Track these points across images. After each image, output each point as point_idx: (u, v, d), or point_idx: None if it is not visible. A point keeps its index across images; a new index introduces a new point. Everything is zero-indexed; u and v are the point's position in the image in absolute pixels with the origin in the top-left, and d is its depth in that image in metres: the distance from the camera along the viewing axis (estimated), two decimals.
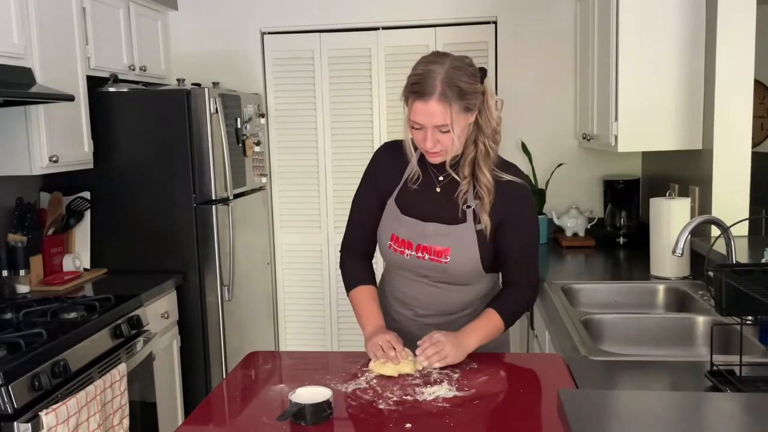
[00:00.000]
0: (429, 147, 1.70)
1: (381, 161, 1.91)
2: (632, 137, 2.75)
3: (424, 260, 1.80)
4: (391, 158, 1.88)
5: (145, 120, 3.11)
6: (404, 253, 1.82)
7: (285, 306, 4.03)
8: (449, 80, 1.63)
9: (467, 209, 1.78)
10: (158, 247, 3.15)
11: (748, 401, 1.19)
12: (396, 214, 1.84)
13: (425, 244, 1.79)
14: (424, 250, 1.80)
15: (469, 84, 1.66)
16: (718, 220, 2.17)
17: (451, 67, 1.65)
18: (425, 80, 1.64)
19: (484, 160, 1.74)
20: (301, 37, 3.82)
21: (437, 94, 1.62)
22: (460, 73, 1.65)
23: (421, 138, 1.70)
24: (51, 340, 2.16)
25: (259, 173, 3.67)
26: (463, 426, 1.43)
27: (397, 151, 1.86)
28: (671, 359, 1.86)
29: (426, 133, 1.68)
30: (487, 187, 1.74)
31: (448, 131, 1.66)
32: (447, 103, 1.63)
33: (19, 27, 2.51)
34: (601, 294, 2.54)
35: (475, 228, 1.77)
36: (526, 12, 3.62)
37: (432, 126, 1.66)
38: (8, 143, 2.65)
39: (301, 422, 1.43)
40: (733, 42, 2.50)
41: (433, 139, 1.68)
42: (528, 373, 1.75)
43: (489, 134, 1.74)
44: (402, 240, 1.82)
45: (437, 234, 1.79)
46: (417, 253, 1.80)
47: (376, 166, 1.91)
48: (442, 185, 1.81)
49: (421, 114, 1.65)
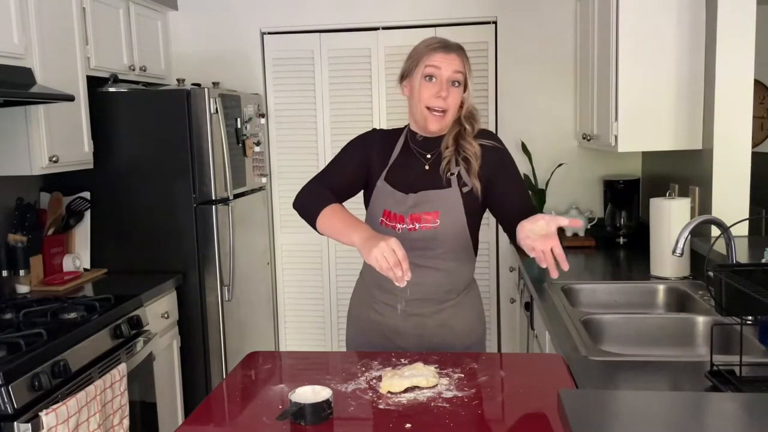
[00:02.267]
0: (443, 96, 1.81)
1: (374, 139, 1.99)
2: (632, 137, 2.76)
3: (416, 231, 1.86)
4: (381, 139, 1.98)
5: (145, 120, 3.11)
6: (396, 228, 1.88)
7: (285, 306, 4.03)
8: (460, 47, 1.87)
9: (451, 176, 1.88)
10: (158, 247, 3.15)
11: (748, 401, 1.19)
12: (388, 190, 1.91)
13: (415, 213, 1.87)
14: (415, 219, 1.87)
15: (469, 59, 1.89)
16: (718, 220, 2.17)
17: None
18: (442, 41, 1.85)
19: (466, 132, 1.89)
20: (301, 37, 3.82)
21: (457, 49, 1.85)
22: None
23: (434, 91, 1.82)
24: (51, 340, 2.16)
25: (259, 173, 3.67)
26: (463, 426, 1.43)
27: (384, 136, 1.99)
28: (671, 359, 1.86)
29: (441, 83, 1.82)
30: (473, 153, 1.87)
31: (460, 85, 1.84)
32: (464, 59, 1.85)
33: (19, 27, 2.51)
34: (601, 294, 2.54)
35: (461, 191, 1.87)
36: (526, 12, 3.62)
37: (449, 74, 1.81)
38: (8, 143, 2.65)
39: (300, 422, 1.43)
40: (733, 42, 2.50)
41: (447, 89, 1.82)
42: (528, 373, 1.75)
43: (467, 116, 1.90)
44: (394, 214, 1.88)
45: (426, 200, 1.87)
46: (408, 225, 1.87)
47: (371, 140, 1.98)
48: (429, 162, 1.92)
49: (443, 59, 1.82)
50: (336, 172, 1.96)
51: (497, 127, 3.70)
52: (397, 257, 1.59)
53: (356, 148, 1.98)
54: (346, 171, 1.95)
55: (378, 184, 1.93)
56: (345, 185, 1.95)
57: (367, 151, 1.96)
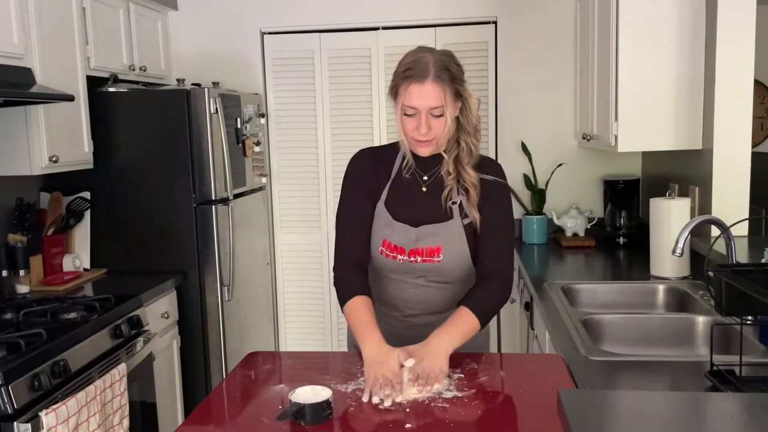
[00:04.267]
0: (422, 132, 1.71)
1: (362, 166, 1.89)
2: (632, 137, 2.75)
3: (417, 263, 1.81)
4: (372, 163, 1.89)
5: (145, 120, 3.11)
6: (396, 258, 1.82)
7: (285, 306, 4.03)
8: (441, 64, 1.70)
9: (453, 205, 1.81)
10: (158, 247, 3.15)
11: (748, 401, 1.19)
12: (387, 220, 1.83)
13: (418, 247, 1.80)
14: (417, 253, 1.80)
15: (458, 71, 1.73)
16: (718, 220, 2.17)
17: (440, 54, 1.73)
18: (419, 65, 1.69)
19: (467, 158, 1.79)
20: (301, 37, 3.82)
21: (432, 76, 1.68)
22: (449, 59, 1.73)
23: (414, 125, 1.72)
24: (51, 340, 2.16)
25: (259, 173, 3.67)
26: (463, 426, 1.43)
27: (374, 156, 1.90)
28: (671, 359, 1.86)
29: (420, 118, 1.71)
30: (472, 183, 1.79)
31: (441, 115, 1.70)
32: (441, 84, 1.68)
33: (19, 27, 2.51)
34: (601, 294, 2.54)
35: (462, 222, 1.81)
36: (526, 12, 3.62)
37: (427, 109, 1.69)
38: (8, 143, 2.65)
39: (300, 422, 1.43)
40: (733, 42, 2.50)
41: (426, 124, 1.71)
42: (528, 373, 1.75)
43: (471, 132, 1.79)
44: (394, 246, 1.82)
45: (429, 234, 1.80)
46: (410, 258, 1.81)
47: (361, 170, 1.89)
48: (427, 185, 1.84)
49: (417, 96, 1.68)
50: (354, 233, 1.85)
51: (497, 127, 3.70)
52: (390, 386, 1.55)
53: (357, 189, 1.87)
54: (363, 226, 1.85)
55: (378, 206, 1.85)
56: (367, 239, 1.85)
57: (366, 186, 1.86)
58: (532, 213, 3.56)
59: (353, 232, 1.86)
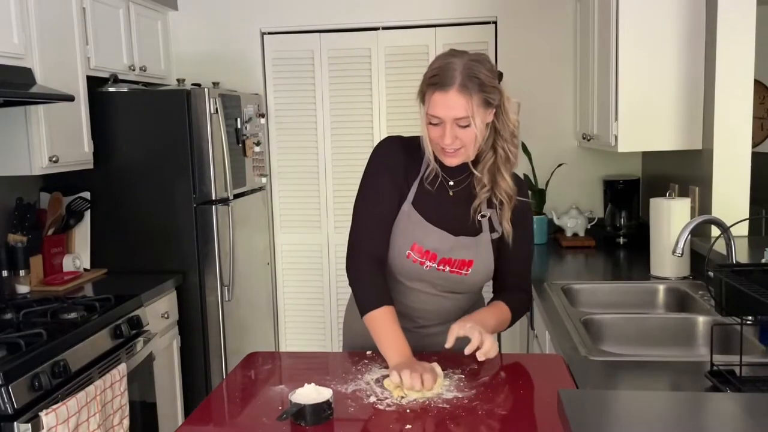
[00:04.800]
0: (447, 143, 1.61)
1: (398, 155, 1.75)
2: (632, 137, 2.75)
3: (444, 272, 1.74)
4: (405, 154, 1.75)
5: (145, 120, 3.11)
6: (424, 264, 1.73)
7: (285, 306, 4.03)
8: (469, 71, 1.58)
9: (482, 218, 1.75)
10: (158, 247, 3.15)
11: (748, 401, 1.19)
12: (419, 222, 1.72)
13: (451, 257, 1.73)
14: (447, 263, 1.73)
15: (488, 77, 1.61)
16: (718, 220, 2.17)
17: (470, 60, 1.61)
18: (445, 71, 1.59)
19: (504, 165, 1.69)
20: (301, 37, 3.82)
21: (457, 85, 1.57)
22: (479, 66, 1.61)
23: (439, 134, 1.62)
24: (51, 341, 2.16)
25: (259, 173, 3.67)
26: (463, 426, 1.43)
27: (407, 147, 1.77)
28: (671, 359, 1.86)
29: (444, 128, 1.61)
30: (507, 194, 1.70)
31: (468, 125, 1.60)
32: (468, 94, 1.57)
33: (19, 27, 2.51)
34: (601, 294, 2.54)
35: (491, 237, 1.76)
36: (526, 12, 3.62)
37: (452, 119, 1.59)
38: (8, 143, 2.65)
39: (301, 422, 1.43)
40: (733, 42, 2.50)
41: (452, 134, 1.61)
42: (528, 373, 1.75)
43: (508, 138, 1.68)
44: (426, 251, 1.72)
45: (465, 247, 1.74)
46: (438, 266, 1.73)
47: (394, 160, 1.74)
48: (454, 191, 1.75)
49: (441, 106, 1.59)
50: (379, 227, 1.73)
51: None
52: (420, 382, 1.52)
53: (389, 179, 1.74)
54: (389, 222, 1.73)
55: (404, 208, 1.73)
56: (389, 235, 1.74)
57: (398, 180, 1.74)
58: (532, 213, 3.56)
59: (379, 226, 1.73)
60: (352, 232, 1.78)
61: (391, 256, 1.75)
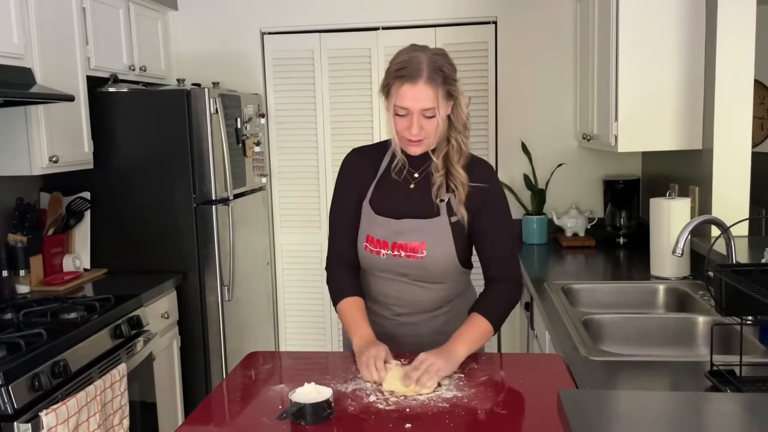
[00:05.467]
0: (414, 133, 1.70)
1: (352, 167, 1.91)
2: (632, 137, 2.75)
3: (401, 258, 1.81)
4: (361, 162, 1.90)
5: (145, 120, 3.11)
6: (380, 253, 1.83)
7: (285, 306, 4.03)
8: (434, 64, 1.68)
9: (440, 203, 1.81)
10: (158, 247, 3.15)
11: (748, 401, 1.19)
12: (370, 215, 1.85)
13: (400, 242, 1.81)
14: (400, 247, 1.81)
15: (450, 71, 1.71)
16: (718, 220, 2.17)
17: (433, 54, 1.71)
18: (412, 64, 1.67)
19: (456, 155, 1.78)
20: (301, 37, 3.82)
21: (425, 77, 1.66)
22: (442, 59, 1.71)
23: (406, 125, 1.71)
24: (51, 340, 2.16)
25: (259, 173, 3.67)
26: (463, 426, 1.43)
27: (365, 154, 1.92)
28: (671, 359, 1.86)
29: (411, 119, 1.70)
30: (460, 182, 1.78)
31: (433, 116, 1.69)
32: (434, 85, 1.67)
33: (19, 27, 2.51)
34: (601, 294, 2.54)
35: (450, 220, 1.80)
36: (526, 12, 3.62)
37: (418, 110, 1.68)
38: (8, 143, 2.65)
39: (301, 422, 1.43)
40: (733, 42, 2.50)
41: (418, 125, 1.70)
42: (528, 373, 1.75)
43: (460, 129, 1.78)
44: (377, 240, 1.83)
45: (412, 229, 1.81)
46: (393, 252, 1.81)
47: (349, 172, 1.91)
48: (416, 182, 1.84)
49: (410, 98, 1.67)
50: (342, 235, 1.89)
51: (497, 127, 3.70)
52: (374, 367, 1.62)
53: (345, 191, 1.90)
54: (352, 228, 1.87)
55: (363, 205, 1.87)
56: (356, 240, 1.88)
57: (353, 187, 1.89)
58: (532, 213, 3.56)
59: (342, 232, 1.90)
60: (328, 240, 1.96)
61: (360, 254, 1.88)
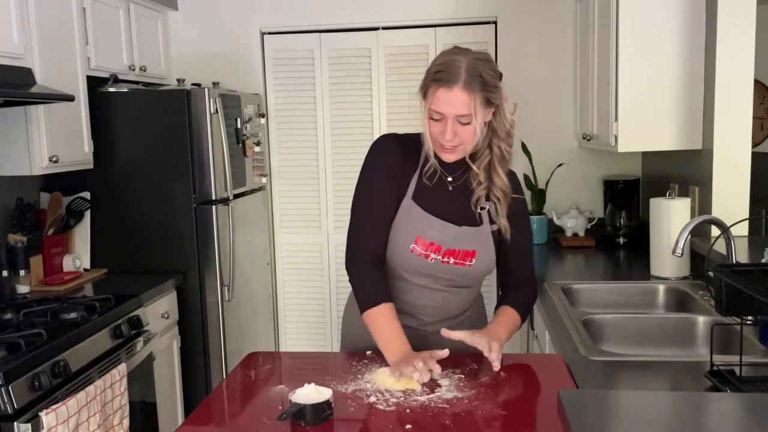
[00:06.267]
0: (448, 139, 1.64)
1: (390, 153, 1.77)
2: (632, 137, 2.75)
3: (448, 264, 1.76)
4: (402, 151, 1.78)
5: (145, 120, 3.11)
6: (429, 257, 1.74)
7: (285, 306, 4.03)
8: (473, 69, 1.61)
9: (482, 211, 1.78)
10: (158, 247, 3.15)
11: (748, 401, 1.19)
12: (421, 215, 1.74)
13: (455, 248, 1.75)
14: (452, 254, 1.75)
15: (491, 77, 1.63)
16: (718, 220, 2.17)
17: (474, 59, 1.63)
18: (449, 68, 1.61)
19: (500, 163, 1.73)
20: (301, 37, 3.82)
21: (462, 82, 1.60)
22: (483, 65, 1.63)
23: (440, 130, 1.65)
24: (51, 340, 2.16)
25: (259, 173, 3.67)
26: (463, 426, 1.43)
27: (403, 144, 1.79)
28: (671, 359, 1.86)
29: (446, 124, 1.63)
30: (503, 190, 1.74)
31: (468, 123, 1.63)
32: (471, 91, 1.60)
33: (19, 27, 2.50)
34: (601, 294, 2.54)
35: (491, 229, 1.80)
36: (526, 12, 3.62)
37: (453, 116, 1.62)
38: (8, 143, 2.65)
39: (301, 422, 1.43)
40: (733, 42, 2.50)
41: (452, 131, 1.63)
42: (528, 373, 1.75)
43: (503, 137, 1.71)
44: (430, 243, 1.73)
45: (468, 237, 1.76)
46: (443, 258, 1.75)
47: (391, 158, 1.76)
48: (454, 186, 1.78)
49: (444, 102, 1.61)
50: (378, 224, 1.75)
51: None
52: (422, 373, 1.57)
53: (385, 177, 1.75)
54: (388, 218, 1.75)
55: (405, 203, 1.75)
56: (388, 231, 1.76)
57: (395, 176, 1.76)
58: (532, 213, 3.56)
59: (377, 224, 1.75)
60: (350, 231, 1.80)
61: (394, 253, 1.76)
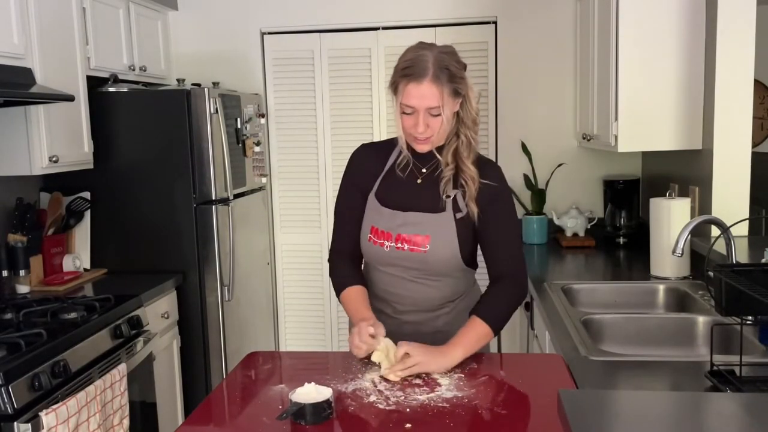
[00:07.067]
0: (420, 131, 1.73)
1: (358, 160, 1.94)
2: (632, 137, 2.76)
3: (404, 251, 1.82)
4: (368, 156, 1.93)
5: (145, 120, 3.11)
6: (384, 245, 1.84)
7: (285, 306, 4.03)
8: (440, 63, 1.69)
9: (447, 198, 1.82)
10: (158, 247, 3.15)
11: (748, 401, 1.19)
12: (376, 207, 1.87)
13: (405, 234, 1.81)
14: (404, 240, 1.82)
15: (457, 69, 1.72)
16: (718, 220, 2.17)
17: (440, 52, 1.72)
18: (418, 63, 1.69)
19: (466, 150, 1.80)
20: (301, 37, 3.82)
21: (430, 76, 1.68)
22: (449, 58, 1.72)
23: (412, 123, 1.73)
24: (51, 340, 2.16)
25: (259, 173, 3.67)
26: (463, 426, 1.43)
27: (373, 149, 1.95)
28: (671, 359, 1.86)
29: (417, 117, 1.72)
30: (471, 177, 1.79)
31: (438, 114, 1.71)
32: (439, 84, 1.68)
33: (19, 27, 2.51)
34: (601, 294, 2.54)
35: (455, 216, 1.81)
36: (526, 12, 3.62)
37: (424, 109, 1.70)
38: (8, 143, 2.65)
39: (301, 422, 1.43)
40: (733, 42, 2.50)
41: (424, 123, 1.72)
42: (528, 373, 1.75)
43: (470, 125, 1.79)
44: (381, 231, 1.84)
45: (417, 222, 1.82)
46: (396, 244, 1.82)
47: (355, 166, 1.94)
48: (423, 177, 1.85)
49: (415, 96, 1.69)
50: (345, 228, 1.93)
51: (497, 127, 3.70)
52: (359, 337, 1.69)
53: (349, 185, 1.93)
54: (354, 221, 1.90)
55: (369, 198, 1.89)
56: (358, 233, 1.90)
57: (357, 181, 1.91)
58: (532, 213, 3.56)
59: (345, 226, 1.93)
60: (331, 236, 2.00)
61: (363, 246, 1.90)
